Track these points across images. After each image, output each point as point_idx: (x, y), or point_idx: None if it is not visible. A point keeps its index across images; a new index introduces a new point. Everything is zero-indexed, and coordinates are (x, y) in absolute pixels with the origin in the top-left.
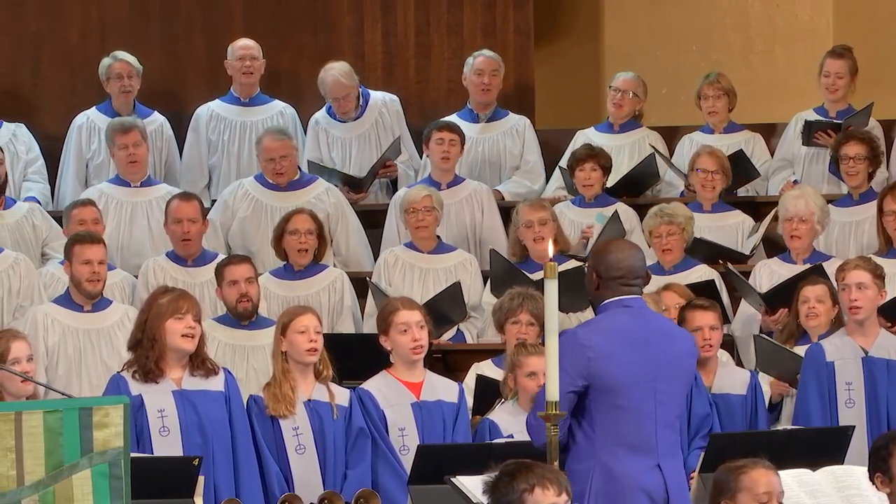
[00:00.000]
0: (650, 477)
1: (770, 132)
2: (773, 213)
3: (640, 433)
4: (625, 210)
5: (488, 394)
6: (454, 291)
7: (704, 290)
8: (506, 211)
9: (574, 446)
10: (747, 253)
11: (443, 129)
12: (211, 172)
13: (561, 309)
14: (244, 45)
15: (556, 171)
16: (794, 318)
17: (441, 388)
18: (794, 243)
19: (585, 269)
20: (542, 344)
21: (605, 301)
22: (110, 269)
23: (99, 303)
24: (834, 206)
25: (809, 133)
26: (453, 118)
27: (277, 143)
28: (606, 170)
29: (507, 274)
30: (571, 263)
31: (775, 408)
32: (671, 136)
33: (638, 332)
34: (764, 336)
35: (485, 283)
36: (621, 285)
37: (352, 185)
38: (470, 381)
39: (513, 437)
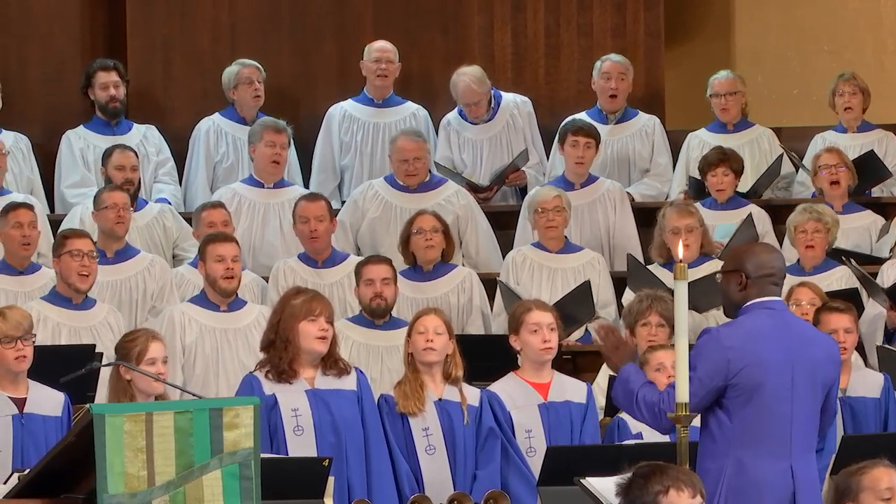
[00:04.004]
0: (782, 480)
1: None
2: None
3: (775, 434)
4: (758, 213)
5: None
6: (584, 291)
7: (847, 298)
8: (637, 212)
9: (708, 444)
10: (885, 256)
11: (578, 133)
12: (343, 173)
13: (699, 308)
14: (381, 48)
15: (679, 172)
16: None
17: (569, 389)
18: None
19: (719, 276)
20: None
21: (749, 302)
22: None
23: (234, 303)
24: None
25: None
26: (583, 116)
27: (413, 143)
28: (738, 173)
29: (644, 277)
30: (714, 264)
31: None
32: (802, 136)
33: (779, 335)
34: (887, 346)
35: (614, 284)
36: (771, 284)
37: (478, 191)
38: (602, 380)
39: (641, 435)
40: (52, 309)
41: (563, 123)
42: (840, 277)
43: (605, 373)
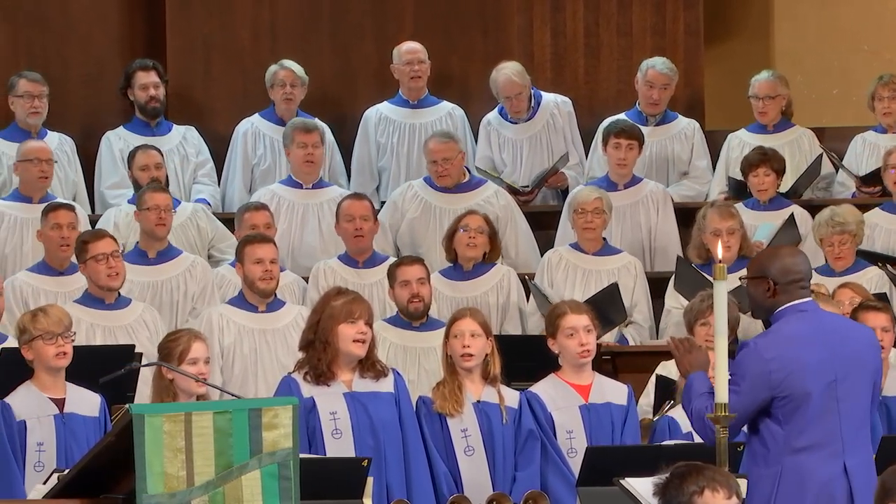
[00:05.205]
0: (837, 480)
1: None
2: None
3: (825, 434)
4: (800, 213)
5: (667, 393)
6: (611, 292)
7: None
8: (676, 212)
9: (760, 450)
10: None
11: (620, 135)
12: (380, 174)
13: (743, 310)
14: (411, 49)
15: (719, 172)
16: None
17: (610, 391)
18: None
19: (744, 281)
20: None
21: (781, 307)
22: (280, 270)
23: (273, 303)
24: None
25: None
26: (621, 118)
27: (441, 145)
28: (780, 172)
29: (691, 278)
30: None
31: None
32: (842, 136)
33: (816, 336)
34: None
35: (655, 285)
36: (799, 288)
37: (518, 193)
38: (655, 379)
39: (692, 435)
40: (85, 311)
41: (605, 125)
42: (871, 279)
43: (657, 373)
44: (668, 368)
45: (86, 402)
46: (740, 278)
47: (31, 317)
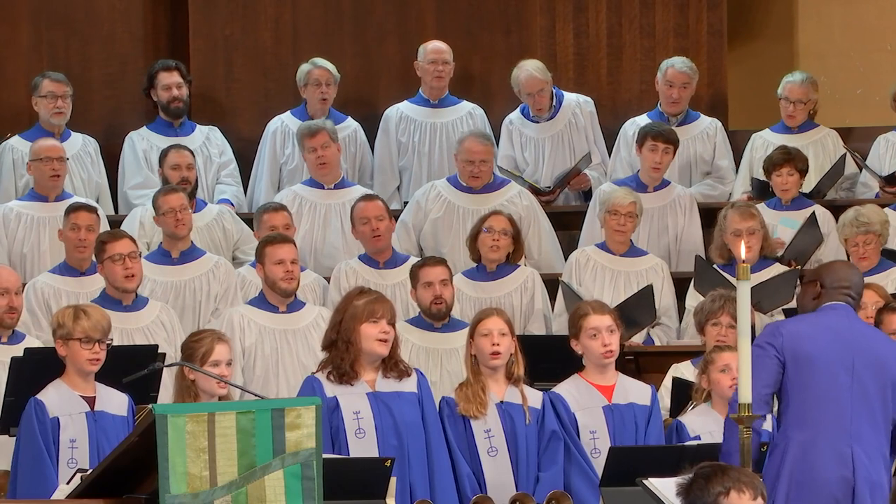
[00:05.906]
0: (840, 464)
1: None
2: None
3: (832, 418)
4: (822, 213)
5: (684, 395)
6: (646, 295)
7: None
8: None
9: (774, 433)
10: None
11: (657, 138)
12: (401, 174)
13: (764, 309)
14: (436, 49)
15: (743, 172)
16: None
17: (633, 391)
18: None
19: (799, 283)
20: None
21: (820, 307)
22: (301, 270)
23: (293, 304)
24: None
25: None
26: (643, 118)
27: (480, 146)
28: (803, 172)
29: (711, 278)
30: (775, 267)
31: None
32: (866, 136)
33: (840, 328)
34: None
35: (677, 285)
36: (843, 295)
37: (540, 194)
38: (669, 381)
39: (699, 438)
40: None
41: (642, 126)
42: (895, 279)
43: (671, 374)
44: (680, 370)
45: (115, 401)
46: (796, 288)
47: (72, 316)
